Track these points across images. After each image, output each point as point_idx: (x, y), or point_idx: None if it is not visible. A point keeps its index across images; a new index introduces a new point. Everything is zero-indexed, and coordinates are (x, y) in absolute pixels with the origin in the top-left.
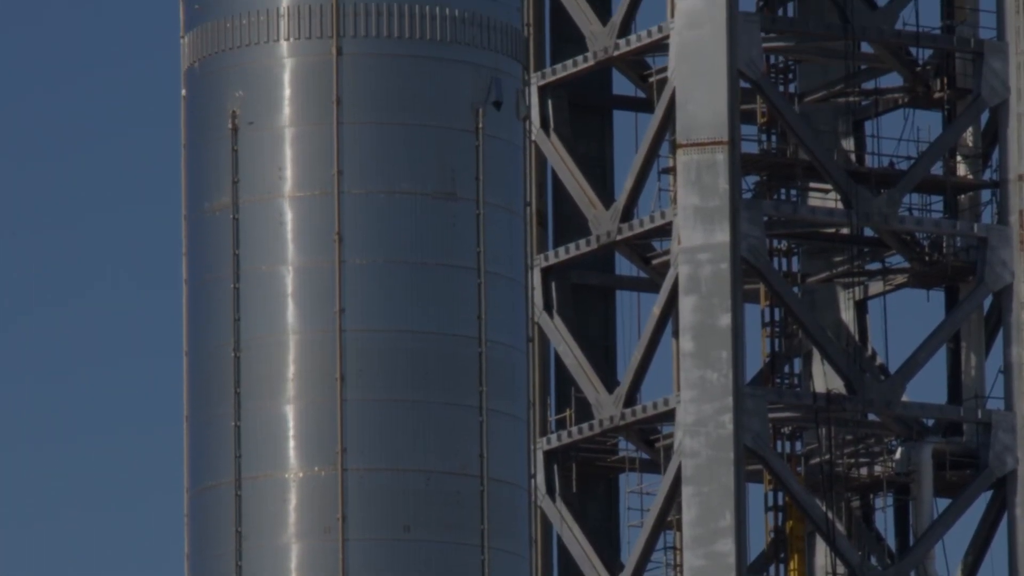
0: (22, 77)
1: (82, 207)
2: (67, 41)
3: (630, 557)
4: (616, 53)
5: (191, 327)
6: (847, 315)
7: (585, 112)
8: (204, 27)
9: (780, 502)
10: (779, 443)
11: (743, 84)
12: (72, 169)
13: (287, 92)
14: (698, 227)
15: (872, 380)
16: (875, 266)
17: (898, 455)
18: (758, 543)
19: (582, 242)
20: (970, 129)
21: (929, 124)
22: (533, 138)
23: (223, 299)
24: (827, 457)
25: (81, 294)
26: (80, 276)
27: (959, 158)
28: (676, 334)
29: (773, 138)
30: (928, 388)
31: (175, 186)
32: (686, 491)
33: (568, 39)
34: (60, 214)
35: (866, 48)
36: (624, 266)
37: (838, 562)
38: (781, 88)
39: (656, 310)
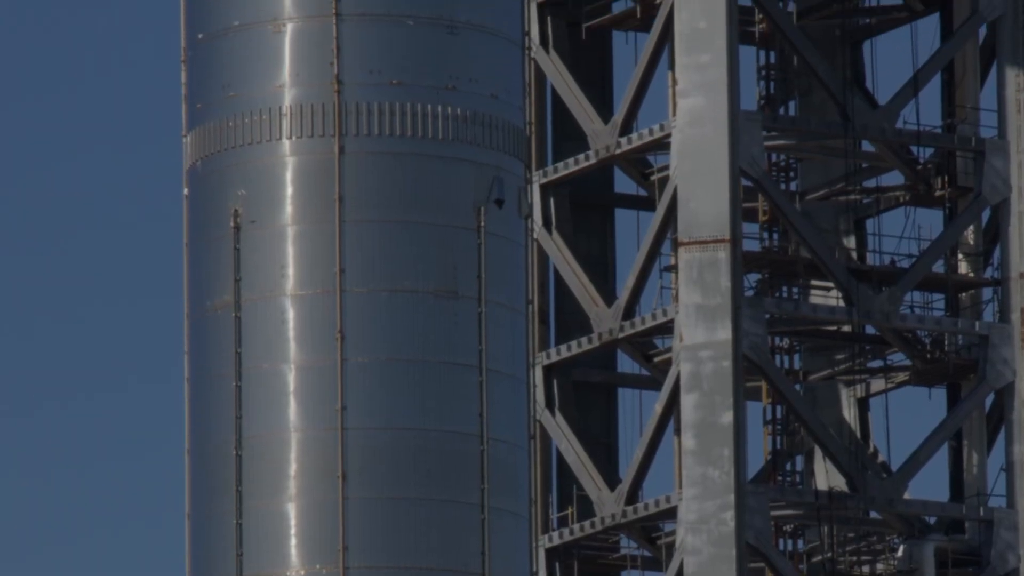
0: (17, 177)
1: (84, 305)
2: (65, 138)
3: None
4: (618, 151)
5: (193, 425)
6: (849, 413)
7: (587, 210)
8: (206, 126)
9: None
10: (781, 541)
11: (745, 182)
12: (72, 266)
13: (289, 191)
14: (700, 325)
15: (874, 478)
16: (877, 364)
17: (900, 553)
18: None
19: (584, 340)
20: (971, 227)
21: (930, 222)
22: (535, 236)
23: (225, 397)
24: (829, 555)
25: (84, 393)
26: (82, 375)
27: (960, 256)
28: (678, 431)
29: (775, 236)
30: (930, 486)
31: (177, 285)
32: None
33: (570, 137)
34: (63, 311)
35: (867, 146)
36: (626, 363)
37: None
38: (783, 186)
39: (658, 407)
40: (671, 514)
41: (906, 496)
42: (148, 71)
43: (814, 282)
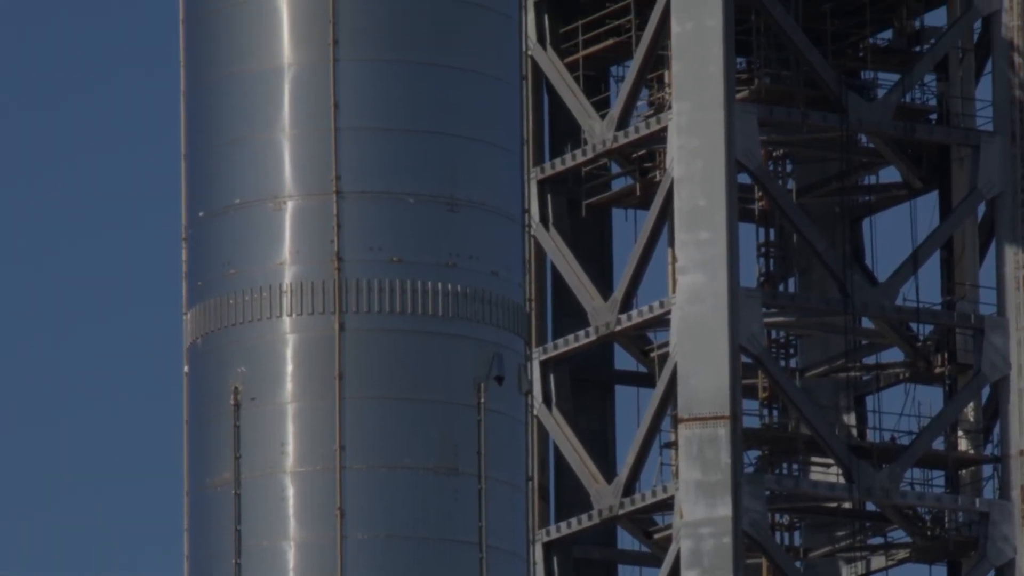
0: (12, 360)
1: (84, 484)
2: (62, 315)
3: None
4: (618, 328)
5: None
6: None
7: (587, 386)
8: (206, 304)
9: None
10: None
11: (744, 359)
12: (72, 446)
13: (289, 368)
14: (700, 501)
15: None
16: (877, 540)
17: None
18: None
19: (584, 516)
20: (971, 404)
21: (930, 399)
22: (535, 413)
23: (226, 575)
24: None
25: (83, 571)
26: (83, 554)
27: (960, 433)
28: None
29: (775, 412)
30: None
31: (177, 462)
32: None
33: (570, 314)
34: (64, 487)
35: (867, 323)
36: (626, 540)
37: None
38: (783, 363)
39: None
40: None
41: None
42: (148, 248)
43: (814, 459)
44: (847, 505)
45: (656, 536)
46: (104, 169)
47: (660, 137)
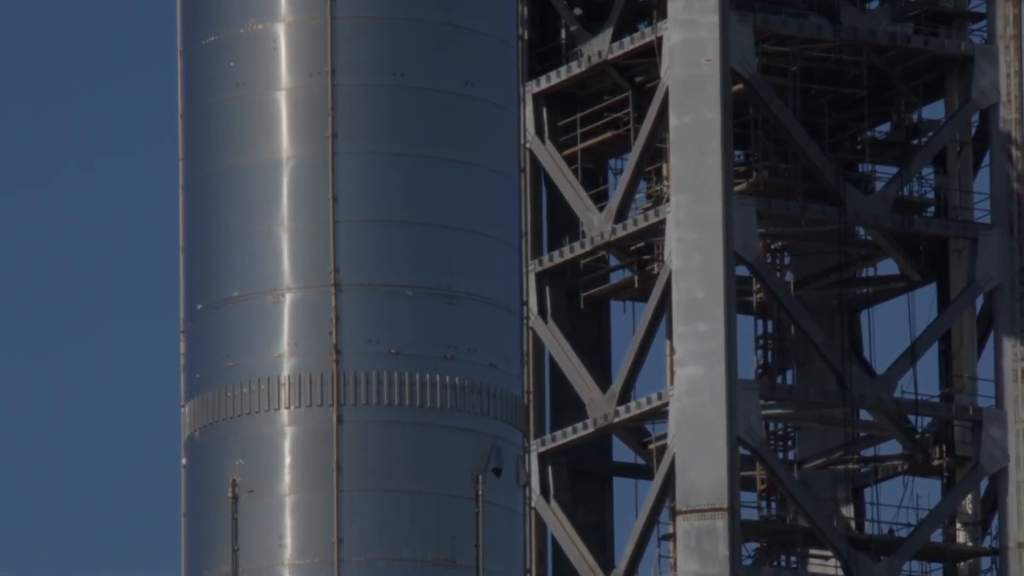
0: (13, 451)
1: None
2: (61, 411)
3: None
4: (616, 420)
5: None
6: None
7: (585, 479)
8: (205, 396)
9: None
10: None
11: (743, 451)
12: (68, 544)
13: (287, 460)
14: None
15: None
16: None
17: None
18: None
19: None
20: (970, 496)
21: (928, 491)
22: (533, 505)
23: None
24: None
25: None
26: None
27: (959, 525)
28: None
29: (773, 505)
30: None
31: (175, 555)
32: None
33: (568, 406)
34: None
35: (865, 416)
36: None
37: None
38: (781, 455)
39: None
40: None
41: None
42: (147, 341)
43: (813, 551)
44: None
45: None
46: (101, 261)
47: (658, 229)
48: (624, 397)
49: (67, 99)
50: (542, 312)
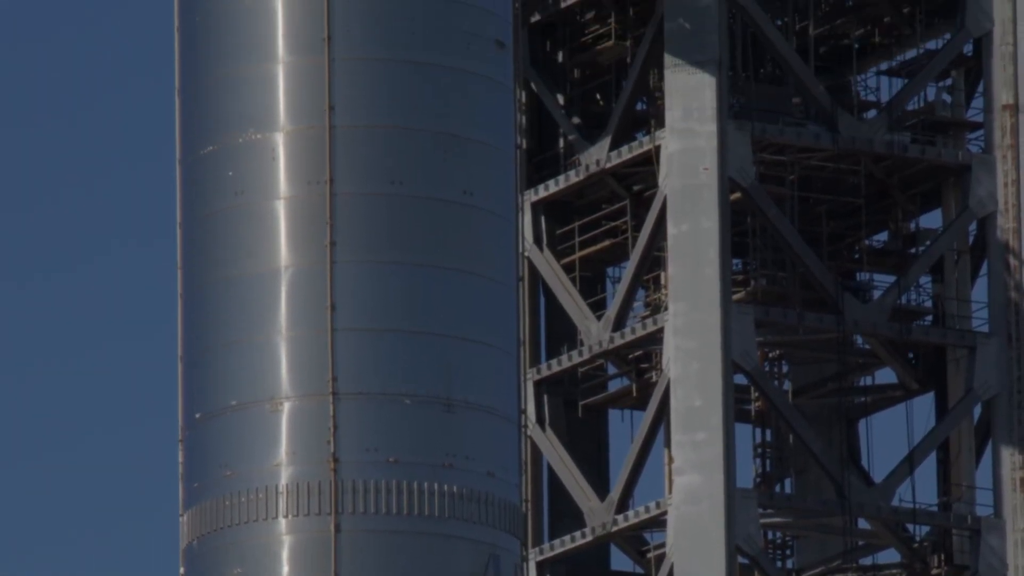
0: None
1: None
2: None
3: None
4: (614, 529)
5: None
6: None
7: None
8: (203, 505)
9: None
10: None
11: (741, 560)
12: None
13: (285, 569)
14: None
15: None
16: None
17: None
18: None
19: None
20: None
21: None
22: None
23: None
24: None
25: None
26: None
27: None
28: None
29: None
30: None
31: None
32: None
33: (566, 514)
34: None
35: (863, 524)
36: None
37: None
38: (779, 564)
39: None
40: None
41: None
42: (145, 450)
43: None
44: None
45: None
46: (99, 369)
47: (657, 338)
48: (622, 506)
49: (64, 203)
50: (540, 421)
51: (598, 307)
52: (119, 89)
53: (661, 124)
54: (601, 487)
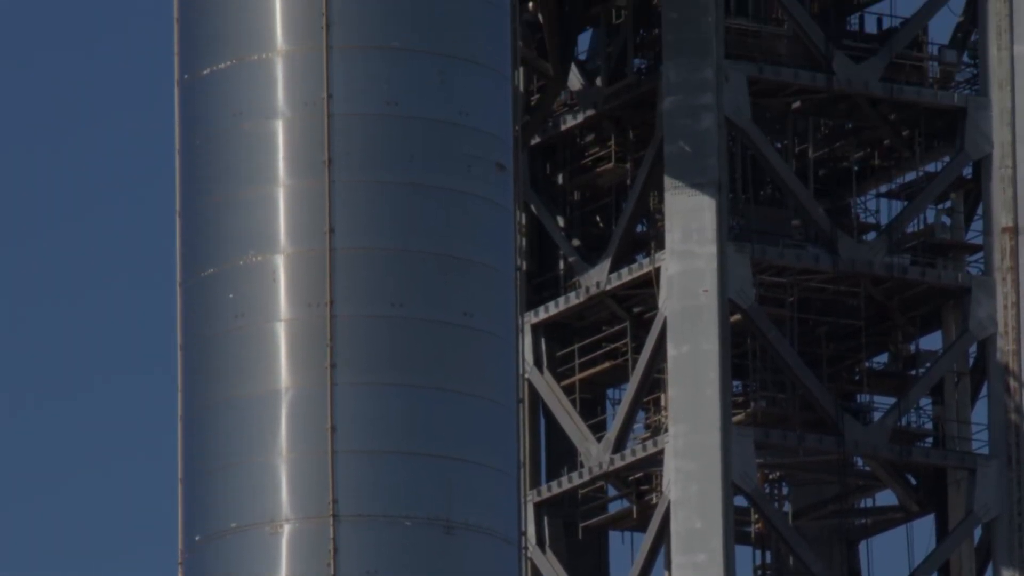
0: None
1: None
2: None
3: None
4: None
5: None
6: None
7: None
8: None
9: None
10: None
11: None
12: None
13: None
14: None
15: None
16: None
17: None
18: None
19: None
20: None
21: None
22: None
23: None
24: None
25: None
26: None
27: None
28: None
29: None
30: None
31: None
32: None
33: None
34: None
35: None
36: None
37: None
38: None
39: None
40: None
41: None
42: (145, 574)
43: None
44: None
45: None
46: (99, 492)
47: (657, 460)
48: None
49: (65, 327)
50: (540, 543)
51: (598, 429)
52: (120, 210)
53: (661, 246)
54: None
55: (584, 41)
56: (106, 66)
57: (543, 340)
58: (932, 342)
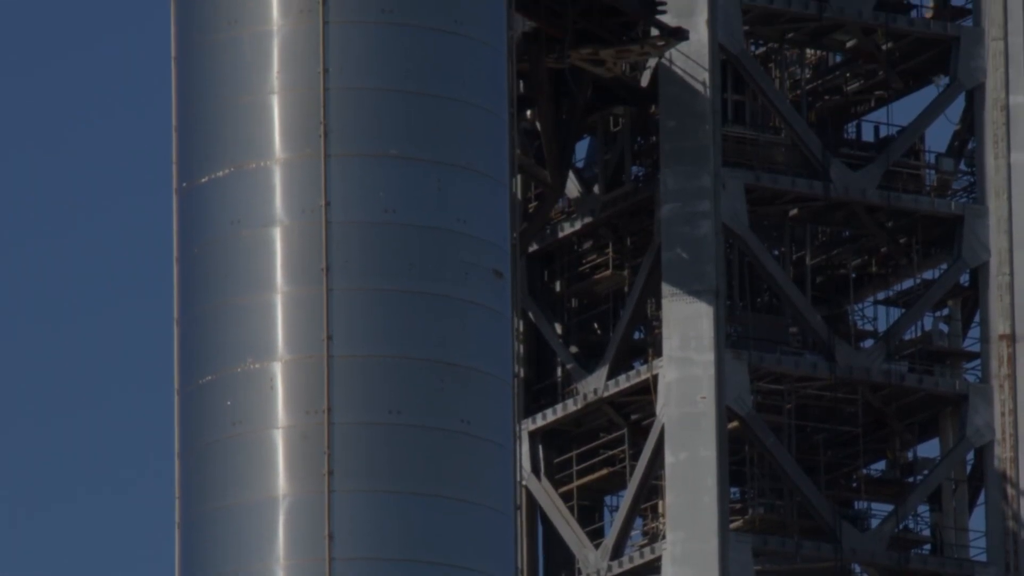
0: None
1: None
2: None
3: None
4: None
5: None
6: None
7: None
8: None
9: None
10: None
11: None
12: None
13: None
14: None
15: None
16: None
17: None
18: None
19: None
20: None
21: None
22: None
23: None
24: None
25: None
26: None
27: None
28: None
29: None
30: None
31: None
32: None
33: None
34: None
35: None
36: None
37: None
38: None
39: None
40: None
41: None
42: None
43: None
44: None
45: None
46: None
47: (654, 567)
48: None
49: (61, 436)
50: None
51: (596, 536)
52: (119, 318)
53: (659, 353)
54: None
55: (582, 149)
56: (105, 174)
57: (541, 447)
58: (930, 449)
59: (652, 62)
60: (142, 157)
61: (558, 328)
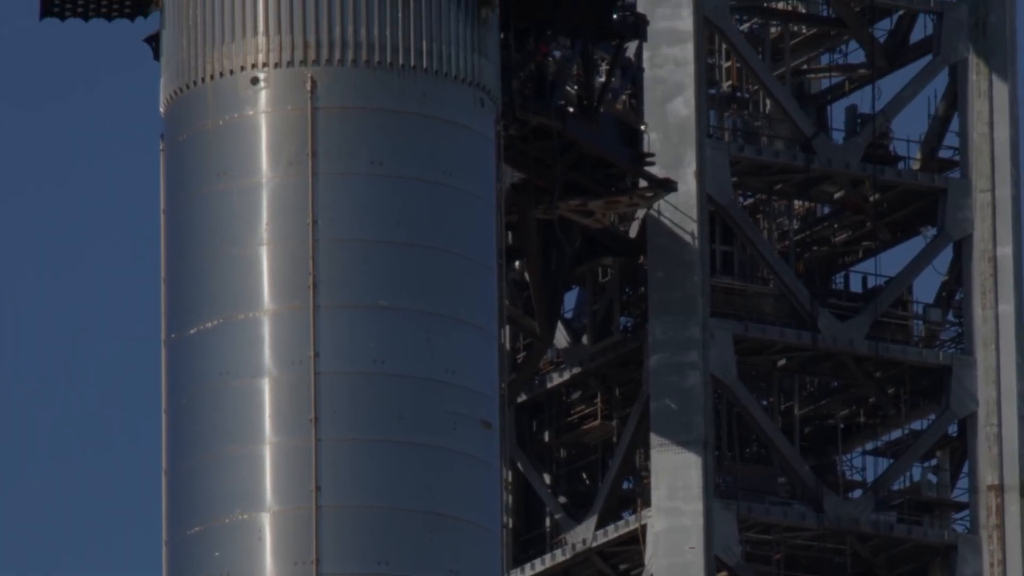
0: None
1: None
2: None
3: None
4: None
5: None
6: None
7: None
8: None
9: None
10: None
11: None
12: None
13: None
14: None
15: None
16: None
17: None
18: None
19: None
20: None
21: None
22: None
23: None
24: None
25: None
26: None
27: None
28: None
29: None
30: None
31: None
32: None
33: None
34: None
35: None
36: None
37: None
38: None
39: None
40: None
41: None
42: None
43: None
44: None
45: None
46: None
47: None
48: None
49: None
50: None
51: None
52: (106, 467)
53: (647, 503)
54: None
55: (570, 299)
56: (95, 324)
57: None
58: None
59: (641, 213)
60: (131, 308)
61: (547, 478)
